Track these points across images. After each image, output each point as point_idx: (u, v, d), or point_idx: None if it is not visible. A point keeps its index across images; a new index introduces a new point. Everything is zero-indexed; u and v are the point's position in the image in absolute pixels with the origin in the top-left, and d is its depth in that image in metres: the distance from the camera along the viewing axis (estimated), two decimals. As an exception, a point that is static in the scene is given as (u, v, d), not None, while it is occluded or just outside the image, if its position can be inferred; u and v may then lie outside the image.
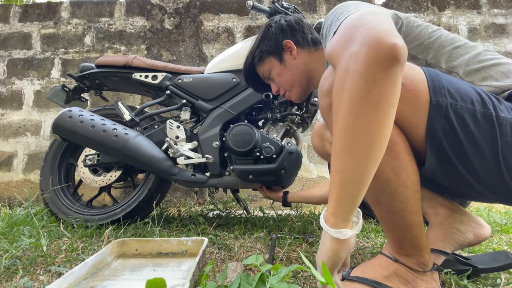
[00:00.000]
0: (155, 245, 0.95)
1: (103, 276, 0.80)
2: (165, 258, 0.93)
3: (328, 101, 0.62)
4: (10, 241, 1.02)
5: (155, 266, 0.88)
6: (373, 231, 1.21)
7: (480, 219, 0.83)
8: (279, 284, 0.49)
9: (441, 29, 0.72)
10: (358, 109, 0.49)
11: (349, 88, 0.49)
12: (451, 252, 0.79)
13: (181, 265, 0.88)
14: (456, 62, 0.68)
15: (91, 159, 1.38)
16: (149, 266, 0.88)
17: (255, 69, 1.09)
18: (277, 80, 1.03)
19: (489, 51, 0.69)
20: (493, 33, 2.28)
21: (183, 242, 0.95)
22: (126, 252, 0.95)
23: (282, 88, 1.04)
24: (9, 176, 2.16)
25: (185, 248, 0.95)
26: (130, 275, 0.82)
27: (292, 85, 1.01)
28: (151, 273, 0.82)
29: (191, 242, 0.95)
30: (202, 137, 1.33)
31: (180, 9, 2.32)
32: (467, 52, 0.68)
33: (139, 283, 0.76)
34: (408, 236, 0.65)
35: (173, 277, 0.79)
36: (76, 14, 2.35)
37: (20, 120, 2.23)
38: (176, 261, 0.91)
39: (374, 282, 0.65)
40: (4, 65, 2.29)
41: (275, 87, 1.05)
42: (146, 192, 1.38)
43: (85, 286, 0.73)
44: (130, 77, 1.45)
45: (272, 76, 1.04)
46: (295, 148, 1.24)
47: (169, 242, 0.95)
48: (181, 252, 0.95)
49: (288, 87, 1.02)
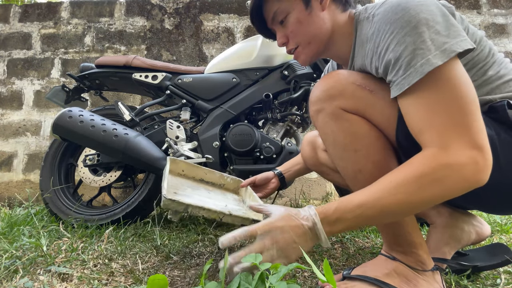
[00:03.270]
0: (200, 172, 1.06)
1: (172, 187, 0.87)
2: (206, 185, 1.04)
3: (317, 107, 0.68)
4: (10, 241, 1.02)
5: (206, 190, 0.99)
6: (373, 231, 1.21)
7: (479, 218, 0.84)
8: (279, 284, 0.49)
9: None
10: (413, 205, 0.55)
11: (427, 194, 0.53)
12: (454, 252, 0.80)
13: (226, 195, 1.01)
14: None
15: (91, 159, 1.38)
16: (201, 188, 0.99)
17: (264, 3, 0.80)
18: (293, 29, 0.76)
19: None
20: (493, 33, 2.28)
21: (224, 177, 1.08)
22: (173, 169, 1.02)
23: (295, 40, 0.78)
24: (9, 176, 2.16)
25: (223, 182, 1.08)
26: (193, 192, 0.92)
27: (310, 40, 0.76)
28: (208, 195, 0.94)
29: (230, 179, 1.08)
30: (202, 137, 1.33)
31: (180, 9, 2.32)
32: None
33: (209, 200, 0.88)
34: (401, 233, 0.67)
35: (229, 202, 0.92)
36: (76, 14, 2.35)
37: (20, 120, 2.23)
38: (219, 191, 1.03)
39: (375, 279, 0.65)
40: (4, 65, 2.29)
41: (283, 37, 0.79)
42: (146, 192, 1.38)
43: (170, 192, 0.81)
44: (130, 77, 1.45)
45: (287, 21, 0.76)
46: (295, 148, 1.24)
47: (212, 173, 1.07)
48: (219, 184, 1.07)
49: (305, 41, 0.77)
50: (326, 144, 0.72)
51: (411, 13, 0.55)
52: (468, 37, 0.61)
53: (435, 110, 0.53)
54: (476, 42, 0.64)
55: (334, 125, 0.67)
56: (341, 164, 0.70)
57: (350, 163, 0.68)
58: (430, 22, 0.54)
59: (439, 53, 0.52)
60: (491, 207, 0.73)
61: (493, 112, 0.63)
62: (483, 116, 0.63)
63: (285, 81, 1.35)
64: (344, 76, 0.68)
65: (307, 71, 1.33)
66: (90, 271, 0.84)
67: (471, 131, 0.52)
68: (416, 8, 0.56)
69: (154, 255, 0.97)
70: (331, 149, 0.71)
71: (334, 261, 0.92)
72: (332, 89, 0.67)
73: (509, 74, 0.65)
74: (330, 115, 0.67)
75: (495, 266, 0.78)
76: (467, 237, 0.80)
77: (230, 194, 1.04)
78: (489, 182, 0.60)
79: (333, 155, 0.71)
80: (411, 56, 0.54)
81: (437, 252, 0.78)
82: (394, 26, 0.57)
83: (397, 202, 0.54)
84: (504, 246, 0.82)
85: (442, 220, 0.81)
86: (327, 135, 0.70)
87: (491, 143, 0.60)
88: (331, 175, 1.00)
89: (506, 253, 0.78)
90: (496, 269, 0.82)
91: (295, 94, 1.31)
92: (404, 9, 0.57)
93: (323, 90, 0.68)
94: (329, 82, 0.68)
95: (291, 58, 1.38)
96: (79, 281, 0.78)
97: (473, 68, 0.64)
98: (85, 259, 0.91)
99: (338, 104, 0.66)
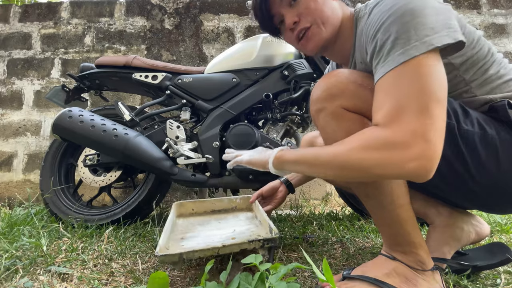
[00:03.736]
0: (209, 204, 1.10)
1: (181, 231, 0.92)
2: (219, 214, 1.08)
3: (319, 107, 0.69)
4: (10, 241, 1.02)
5: (217, 220, 1.03)
6: (373, 231, 1.21)
7: (479, 217, 0.84)
8: (278, 283, 0.49)
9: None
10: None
11: (361, 158, 0.54)
12: (454, 252, 0.80)
13: (238, 216, 1.05)
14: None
15: (91, 159, 1.38)
16: (212, 221, 1.02)
17: None
18: (308, 5, 0.71)
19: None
20: (493, 33, 2.28)
21: (232, 200, 1.12)
22: (184, 212, 1.07)
23: (308, 18, 0.71)
24: (9, 176, 2.16)
25: (234, 204, 1.11)
26: (203, 228, 0.95)
27: (324, 21, 0.71)
28: (218, 225, 0.98)
29: (239, 200, 1.12)
30: (202, 137, 1.33)
31: (180, 9, 2.32)
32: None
33: (218, 231, 0.92)
34: (401, 232, 0.67)
35: (239, 224, 0.97)
36: (76, 14, 2.35)
37: (20, 120, 2.23)
38: (231, 215, 1.07)
39: (374, 279, 0.65)
40: (4, 65, 2.29)
41: (294, 16, 0.72)
42: (146, 192, 1.38)
43: (176, 239, 0.86)
44: (130, 77, 1.45)
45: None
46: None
47: (221, 201, 1.11)
48: (231, 208, 1.11)
49: (319, 21, 0.71)
50: (327, 143, 0.72)
51: (400, 4, 0.56)
52: (466, 36, 0.61)
53: (392, 93, 0.54)
54: (474, 41, 0.64)
55: (335, 125, 0.67)
56: None
57: None
58: (416, 13, 0.54)
59: (418, 44, 0.53)
60: (492, 206, 0.73)
61: (494, 112, 0.63)
62: (483, 115, 0.63)
63: (285, 81, 1.35)
64: (345, 75, 0.68)
65: (307, 71, 1.33)
66: (90, 271, 0.84)
67: (418, 120, 0.50)
68: (406, 0, 0.57)
69: (154, 255, 0.97)
70: None
71: (334, 261, 0.92)
72: (333, 88, 0.67)
73: (508, 74, 0.66)
74: (331, 115, 0.67)
75: (495, 266, 0.78)
76: (466, 237, 0.80)
77: (243, 214, 1.07)
78: (489, 181, 0.60)
79: None
80: (391, 45, 0.55)
81: (437, 252, 0.78)
82: (383, 15, 0.58)
83: (332, 156, 0.58)
84: (504, 246, 0.82)
85: (441, 220, 0.81)
86: (328, 135, 0.70)
87: (492, 142, 0.60)
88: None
89: (506, 252, 0.78)
90: (496, 268, 0.82)
91: (295, 94, 1.31)
92: (395, 1, 0.58)
93: (324, 90, 0.68)
94: (330, 81, 0.68)
95: (291, 58, 1.37)
96: (79, 281, 0.78)
97: (474, 66, 0.65)
98: (85, 259, 0.91)
99: (339, 103, 0.66)
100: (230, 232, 0.91)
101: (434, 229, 0.82)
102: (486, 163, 0.61)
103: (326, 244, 1.07)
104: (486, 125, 0.61)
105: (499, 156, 0.60)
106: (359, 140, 0.55)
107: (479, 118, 0.63)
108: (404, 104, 0.52)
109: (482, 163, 0.61)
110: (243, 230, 0.92)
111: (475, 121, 0.62)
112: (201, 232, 0.92)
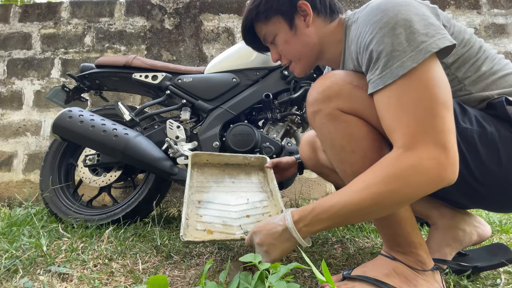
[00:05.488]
0: (224, 158, 1.11)
1: (197, 189, 0.98)
2: (231, 171, 1.10)
3: (314, 109, 0.69)
4: (10, 241, 1.02)
5: (230, 178, 1.07)
6: (373, 231, 1.21)
7: (480, 219, 0.84)
8: (278, 283, 0.49)
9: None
10: (388, 203, 0.57)
11: (395, 194, 0.55)
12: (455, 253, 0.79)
13: (251, 178, 1.08)
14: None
15: (91, 159, 1.38)
16: (226, 178, 1.06)
17: (254, 27, 0.86)
18: (282, 48, 0.83)
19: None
20: (493, 33, 2.28)
21: (247, 157, 1.12)
22: (198, 161, 1.08)
23: (286, 58, 0.85)
24: (9, 176, 2.16)
25: (248, 162, 1.12)
26: (217, 188, 1.00)
27: (300, 57, 0.82)
28: (232, 186, 1.02)
29: (253, 158, 1.12)
30: (202, 137, 1.33)
31: (180, 9, 2.32)
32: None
33: (232, 198, 0.97)
34: (400, 232, 0.67)
35: (252, 190, 1.02)
36: (76, 14, 2.35)
37: (20, 120, 2.23)
38: (244, 173, 1.10)
39: (375, 280, 0.65)
40: (4, 65, 2.29)
41: (276, 54, 0.86)
42: (146, 192, 1.38)
43: (193, 201, 0.92)
44: (130, 77, 1.45)
45: (276, 41, 0.83)
46: (295, 148, 1.24)
47: (236, 157, 1.12)
48: (244, 164, 1.12)
49: (295, 58, 0.83)
50: (324, 145, 0.72)
51: (389, 15, 0.57)
52: (455, 35, 0.62)
53: (404, 110, 0.55)
54: (465, 40, 0.65)
55: (331, 126, 0.67)
56: (339, 166, 0.70)
57: (347, 164, 0.68)
58: (407, 22, 0.55)
59: (414, 54, 0.53)
60: (492, 205, 0.72)
61: (492, 109, 0.63)
62: (482, 113, 0.63)
63: (285, 81, 1.35)
64: (340, 77, 0.68)
65: (307, 71, 1.33)
66: (90, 271, 0.84)
67: (435, 131, 0.52)
68: (394, 10, 0.57)
69: (154, 255, 0.97)
70: (329, 150, 0.71)
71: (334, 261, 0.92)
72: (328, 90, 0.67)
73: (503, 70, 0.65)
74: (327, 116, 0.67)
75: (495, 266, 0.77)
76: (468, 238, 0.80)
77: (254, 176, 1.10)
78: (490, 179, 0.60)
79: (331, 156, 0.71)
80: (387, 57, 0.56)
81: (438, 253, 0.78)
82: (373, 27, 0.59)
83: (368, 202, 0.56)
84: (504, 246, 0.82)
85: (443, 222, 0.81)
86: (325, 137, 0.70)
87: (492, 140, 0.60)
88: (331, 176, 0.99)
89: (506, 253, 0.78)
90: (496, 269, 0.82)
91: (295, 94, 1.31)
92: (383, 11, 0.58)
93: (320, 91, 0.68)
94: (326, 83, 0.68)
95: (291, 58, 1.37)
96: (79, 281, 0.78)
97: (465, 63, 0.65)
98: (85, 259, 0.91)
99: (335, 105, 0.66)
100: (244, 202, 0.97)
101: (436, 230, 0.81)
102: (486, 161, 0.60)
103: (326, 244, 1.07)
104: (485, 123, 0.61)
105: (500, 154, 0.59)
106: (395, 175, 0.55)
107: (478, 116, 0.62)
108: (419, 121, 0.53)
109: (483, 161, 0.61)
110: (256, 201, 0.98)
111: (473, 119, 0.61)
112: (216, 194, 0.98)
